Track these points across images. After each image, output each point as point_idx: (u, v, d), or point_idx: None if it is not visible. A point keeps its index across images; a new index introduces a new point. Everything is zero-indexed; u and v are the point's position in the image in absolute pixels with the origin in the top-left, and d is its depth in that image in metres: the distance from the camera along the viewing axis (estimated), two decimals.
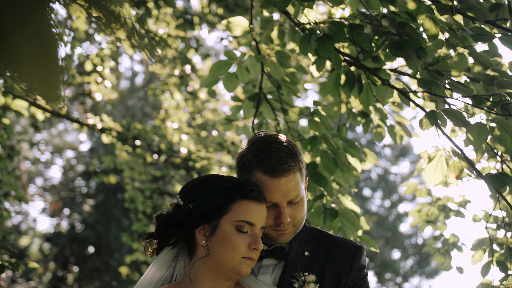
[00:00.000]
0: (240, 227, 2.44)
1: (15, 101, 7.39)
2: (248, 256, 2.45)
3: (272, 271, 2.71)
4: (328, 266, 2.69)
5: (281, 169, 2.54)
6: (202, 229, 2.48)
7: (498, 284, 4.37)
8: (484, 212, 5.61)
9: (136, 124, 8.62)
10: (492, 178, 3.05)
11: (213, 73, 4.20)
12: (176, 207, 2.55)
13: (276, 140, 2.66)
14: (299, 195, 2.62)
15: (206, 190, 2.49)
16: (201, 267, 2.50)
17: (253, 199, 2.48)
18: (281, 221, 2.58)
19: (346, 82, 3.85)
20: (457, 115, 3.23)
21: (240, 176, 2.68)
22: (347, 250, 2.74)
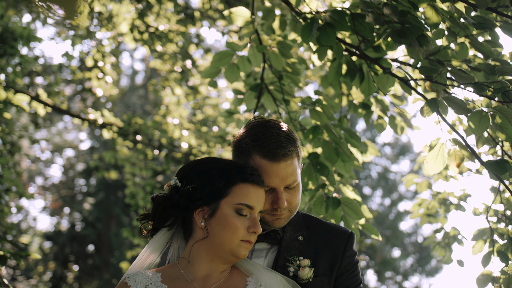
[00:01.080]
0: (239, 210, 2.45)
1: (16, 95, 7.40)
2: (247, 239, 2.46)
3: (266, 255, 2.73)
4: (321, 251, 2.71)
5: (280, 154, 2.56)
6: (201, 211, 2.48)
7: (498, 275, 4.38)
8: (485, 206, 5.63)
9: (137, 119, 8.64)
10: (493, 165, 3.07)
11: (214, 63, 4.21)
12: (174, 189, 2.55)
13: (275, 125, 2.67)
14: (296, 181, 2.64)
15: (206, 172, 2.50)
16: (199, 249, 2.50)
17: (253, 182, 2.49)
18: (278, 205, 2.60)
19: (347, 72, 3.87)
20: (458, 102, 3.24)
21: (238, 160, 2.69)
22: (340, 236, 2.77)
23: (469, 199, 6.34)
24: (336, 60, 3.85)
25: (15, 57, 9.00)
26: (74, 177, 24.15)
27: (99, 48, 9.09)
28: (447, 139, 3.39)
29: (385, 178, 24.46)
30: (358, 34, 3.52)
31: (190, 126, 9.12)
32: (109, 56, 9.10)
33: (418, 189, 6.49)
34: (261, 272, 2.54)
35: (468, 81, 3.18)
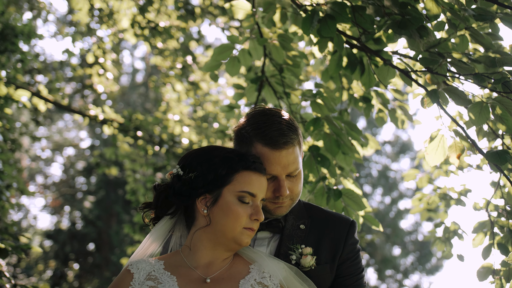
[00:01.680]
0: (242, 198, 2.47)
1: (17, 91, 7.41)
2: (249, 226, 2.47)
3: (268, 244, 2.74)
4: (323, 239, 2.72)
5: (282, 142, 2.57)
6: (203, 199, 2.50)
7: (499, 268, 4.39)
8: (485, 200, 5.63)
9: (138, 115, 8.65)
10: (494, 155, 3.08)
11: (215, 57, 4.22)
12: (176, 177, 2.56)
13: (276, 113, 2.69)
14: (297, 169, 2.66)
15: (208, 160, 2.51)
16: (201, 236, 2.52)
17: (255, 170, 2.51)
18: (280, 193, 2.61)
19: (348, 64, 3.88)
20: (458, 93, 3.26)
21: (239, 148, 2.70)
22: (342, 224, 2.79)
23: (469, 194, 6.36)
24: (337, 52, 3.86)
25: (16, 53, 9.01)
26: (75, 176, 24.16)
27: (100, 44, 9.10)
28: (448, 130, 3.40)
29: (385, 176, 24.48)
30: (359, 26, 3.54)
31: (191, 123, 9.14)
32: (109, 53, 9.12)
33: (419, 184, 6.50)
34: (264, 259, 2.56)
35: (468, 72, 3.19)
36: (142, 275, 2.47)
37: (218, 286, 2.44)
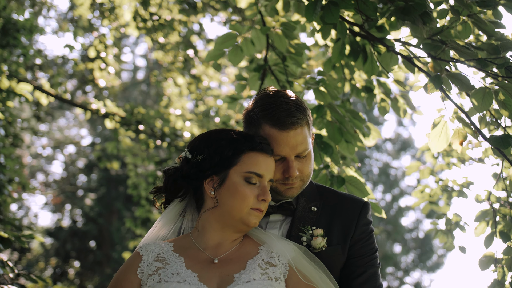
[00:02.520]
0: (248, 178, 2.48)
1: (19, 84, 7.42)
2: (257, 207, 2.48)
3: (280, 226, 2.75)
4: (335, 220, 2.71)
5: (289, 122, 2.57)
6: (210, 181, 2.52)
7: (501, 256, 4.40)
8: (487, 192, 5.63)
9: (140, 109, 8.66)
10: (496, 139, 3.09)
11: (218, 46, 4.23)
12: (185, 160, 2.59)
13: (284, 95, 2.69)
14: (307, 149, 2.65)
15: (215, 143, 2.53)
16: (209, 218, 2.54)
17: (262, 151, 2.52)
18: (289, 174, 2.61)
19: (350, 52, 3.89)
20: (461, 79, 3.26)
21: (248, 131, 2.71)
22: (354, 205, 2.77)
23: (471, 187, 6.37)
24: (340, 40, 3.87)
25: (18, 48, 9.02)
26: (76, 173, 24.17)
27: (101, 39, 9.11)
28: (450, 116, 3.41)
29: (386, 174, 24.48)
30: (362, 13, 3.55)
31: (193, 117, 9.14)
32: (111, 47, 9.13)
33: (421, 176, 6.51)
34: (273, 240, 2.57)
35: (471, 57, 3.20)
36: (151, 257, 2.50)
37: (225, 266, 2.46)
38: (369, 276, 2.68)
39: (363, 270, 2.67)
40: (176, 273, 2.39)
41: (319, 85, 3.81)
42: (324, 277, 2.49)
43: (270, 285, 2.37)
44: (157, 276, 2.40)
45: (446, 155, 6.34)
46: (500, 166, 5.46)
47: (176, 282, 2.35)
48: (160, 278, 2.39)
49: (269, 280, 2.39)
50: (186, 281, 2.36)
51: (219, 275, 2.42)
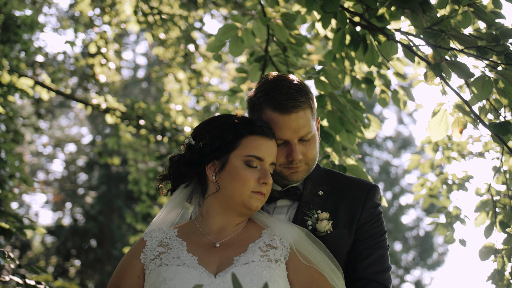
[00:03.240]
0: (249, 162, 2.50)
1: (20, 79, 7.43)
2: (258, 190, 2.50)
3: (287, 211, 2.76)
4: (341, 204, 2.71)
5: (290, 105, 2.58)
6: (212, 166, 2.54)
7: (501, 247, 4.41)
8: (487, 185, 5.63)
9: (140, 103, 8.68)
10: (496, 126, 3.10)
11: (219, 37, 4.24)
12: (188, 147, 2.62)
13: (286, 79, 2.70)
14: (310, 132, 2.65)
15: (216, 128, 2.56)
16: (212, 203, 2.57)
17: (262, 134, 2.54)
18: (292, 158, 2.62)
19: (351, 42, 3.90)
20: (461, 67, 3.28)
21: (251, 116, 2.73)
22: (361, 188, 2.76)
23: (471, 180, 6.38)
24: (340, 30, 3.88)
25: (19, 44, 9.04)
26: (76, 172, 24.20)
27: (102, 34, 9.12)
28: (450, 104, 3.42)
29: (386, 172, 24.49)
30: (362, 3, 3.56)
31: (193, 113, 9.16)
32: (112, 43, 9.14)
33: (421, 170, 6.52)
34: (276, 223, 2.59)
35: (471, 44, 3.21)
36: (155, 242, 2.53)
37: (226, 250, 2.48)
38: (376, 258, 2.67)
39: (370, 252, 2.66)
40: (176, 257, 2.42)
41: (320, 74, 3.81)
42: (325, 258, 2.50)
43: (269, 266, 2.38)
44: (159, 260, 2.44)
45: (446, 148, 6.35)
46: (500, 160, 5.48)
47: (175, 265, 2.38)
48: (161, 262, 2.42)
49: (269, 262, 2.40)
50: (185, 264, 2.39)
51: (219, 259, 2.44)
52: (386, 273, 2.68)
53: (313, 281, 2.44)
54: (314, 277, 2.45)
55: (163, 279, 2.33)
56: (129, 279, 2.45)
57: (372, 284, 2.63)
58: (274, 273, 2.38)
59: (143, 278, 2.45)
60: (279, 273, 2.40)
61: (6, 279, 4.51)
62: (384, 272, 2.67)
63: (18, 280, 4.47)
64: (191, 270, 2.36)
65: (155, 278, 2.37)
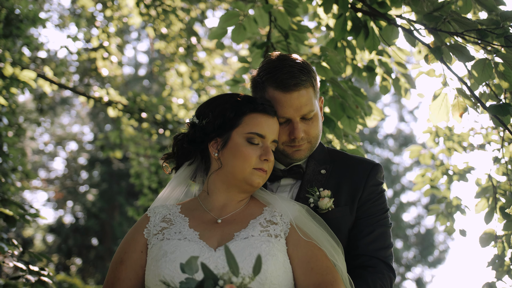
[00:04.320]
0: (250, 139, 2.53)
1: (23, 72, 7.47)
2: (259, 167, 2.53)
3: (290, 190, 2.80)
4: (343, 182, 2.74)
5: (292, 84, 2.62)
6: (214, 143, 2.58)
7: (501, 234, 4.43)
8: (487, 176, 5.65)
9: (143, 96, 8.71)
10: (496, 108, 3.13)
11: (221, 24, 4.27)
12: (191, 125, 2.67)
13: (288, 58, 2.74)
14: (312, 111, 2.68)
15: (218, 106, 2.60)
16: (215, 180, 2.61)
17: (264, 112, 2.57)
18: (294, 136, 2.65)
19: (352, 28, 3.93)
20: (461, 50, 3.30)
21: (255, 95, 2.76)
22: (364, 166, 2.79)
23: (472, 172, 6.40)
24: (342, 16, 3.91)
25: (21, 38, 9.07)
26: (77, 170, 24.24)
27: (104, 28, 9.16)
28: (451, 88, 3.45)
29: (387, 170, 24.52)
30: None
31: (195, 107, 9.18)
32: (114, 37, 9.18)
33: (421, 161, 6.55)
34: (277, 200, 2.63)
35: (471, 27, 3.24)
36: (158, 218, 2.58)
37: (228, 225, 2.52)
38: (377, 235, 2.69)
39: (371, 229, 2.69)
40: (178, 232, 2.47)
41: (321, 59, 3.84)
42: (325, 234, 2.53)
43: (268, 241, 2.42)
44: (161, 235, 2.48)
45: (447, 139, 6.38)
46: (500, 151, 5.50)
47: (176, 240, 2.43)
48: (163, 237, 2.47)
49: (268, 237, 2.44)
50: (186, 238, 2.43)
51: (221, 234, 2.48)
52: (387, 250, 2.70)
53: (312, 255, 2.47)
54: (313, 252, 2.47)
55: (164, 252, 2.37)
56: (133, 253, 2.50)
57: (373, 260, 2.65)
58: (273, 247, 2.41)
59: (145, 253, 2.49)
60: (279, 247, 2.43)
61: (10, 265, 4.55)
62: (385, 249, 2.70)
63: (22, 266, 4.51)
64: (191, 244, 2.40)
65: (156, 251, 2.41)
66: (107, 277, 2.50)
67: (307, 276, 2.43)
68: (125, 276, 2.45)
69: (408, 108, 26.27)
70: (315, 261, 2.46)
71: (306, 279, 2.44)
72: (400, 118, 26.01)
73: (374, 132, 25.06)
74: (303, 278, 2.45)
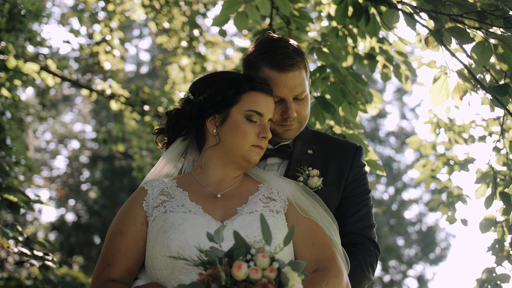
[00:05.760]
0: (249, 117, 2.57)
1: (26, 64, 7.51)
2: (257, 144, 2.58)
3: (277, 169, 2.88)
4: (330, 162, 2.84)
5: (288, 64, 2.69)
6: (212, 119, 2.62)
7: (501, 219, 4.47)
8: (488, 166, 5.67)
9: (145, 88, 8.75)
10: (495, 88, 3.16)
11: (224, 11, 4.31)
12: (187, 101, 2.69)
13: (282, 39, 2.83)
14: (304, 91, 2.77)
15: (217, 83, 2.63)
16: (212, 155, 2.63)
17: (262, 90, 2.62)
18: (288, 115, 2.73)
19: (353, 13, 3.96)
20: (461, 32, 3.33)
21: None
22: (348, 148, 2.91)
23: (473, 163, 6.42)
24: (343, 1, 3.94)
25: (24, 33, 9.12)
26: (80, 168, 24.28)
27: (107, 22, 9.20)
28: (451, 70, 3.48)
29: (389, 167, 24.52)
30: None
31: None
32: (116, 30, 9.22)
33: (423, 152, 6.58)
34: (272, 178, 2.69)
35: (470, 9, 3.27)
36: (156, 191, 2.58)
37: (228, 200, 2.56)
38: (363, 214, 2.84)
39: (358, 208, 2.83)
40: (181, 205, 2.48)
41: (321, 44, 3.88)
42: (321, 211, 2.60)
43: (272, 216, 2.48)
44: (163, 208, 2.49)
45: (447, 129, 6.41)
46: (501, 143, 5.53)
47: (182, 212, 2.44)
48: (165, 209, 2.48)
49: (271, 212, 2.50)
50: (191, 211, 2.45)
51: (222, 208, 2.52)
52: (372, 229, 2.86)
53: (312, 231, 2.52)
54: (312, 228, 2.53)
55: (171, 224, 2.38)
56: (133, 225, 2.49)
57: (361, 238, 2.80)
58: (278, 222, 2.47)
59: (146, 225, 2.50)
60: (282, 222, 2.50)
61: (15, 250, 4.60)
62: (370, 227, 2.85)
63: (26, 252, 4.56)
64: (198, 217, 2.42)
65: (161, 223, 2.42)
66: (105, 249, 2.48)
67: (308, 251, 2.48)
68: (125, 248, 2.45)
69: (409, 105, 26.29)
70: (315, 237, 2.52)
71: (308, 254, 2.48)
72: (402, 116, 26.03)
73: (375, 130, 25.08)
74: (304, 252, 2.50)
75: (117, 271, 2.43)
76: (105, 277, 2.42)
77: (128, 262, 2.45)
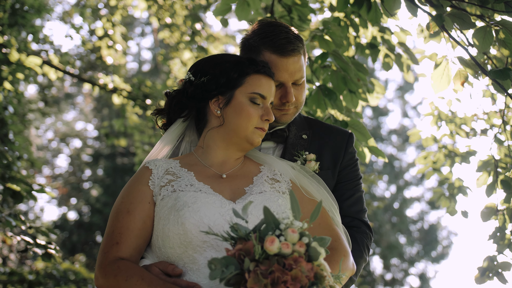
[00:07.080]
0: (253, 99, 2.59)
1: (28, 58, 7.54)
2: (260, 126, 2.60)
3: (273, 153, 2.92)
4: (324, 147, 2.91)
5: (290, 49, 2.72)
6: (216, 101, 2.62)
7: (503, 208, 4.48)
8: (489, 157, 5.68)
9: (147, 82, 8.76)
10: (497, 72, 3.18)
11: (225, 0, 4.32)
12: (188, 82, 2.69)
13: (282, 24, 2.86)
14: (302, 77, 2.81)
15: (220, 65, 2.64)
16: (214, 136, 2.64)
17: (265, 74, 2.64)
18: (287, 99, 2.77)
19: (355, 1, 3.97)
20: (463, 17, 3.35)
21: None
22: (341, 134, 3.00)
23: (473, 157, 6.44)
24: None
25: (26, 28, 9.15)
26: (82, 166, 24.31)
27: (109, 17, 9.22)
28: (452, 56, 3.50)
29: (391, 165, 24.53)
30: None
31: None
32: (118, 25, 9.24)
33: (424, 144, 6.59)
34: (274, 160, 2.72)
35: None
36: (161, 171, 2.56)
37: (234, 181, 2.57)
38: (357, 199, 2.92)
39: (352, 193, 2.91)
40: (189, 184, 2.48)
41: (324, 32, 3.90)
42: (324, 193, 2.63)
43: (281, 196, 2.51)
44: (170, 187, 2.48)
45: (449, 121, 6.42)
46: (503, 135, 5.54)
47: (192, 191, 2.43)
48: (174, 189, 2.47)
49: (278, 193, 2.53)
50: (201, 191, 2.45)
51: (230, 188, 2.53)
52: (365, 213, 2.96)
53: None
54: None
55: (184, 202, 2.38)
56: (140, 203, 2.47)
57: (356, 221, 2.88)
58: (287, 202, 2.49)
59: (153, 204, 2.48)
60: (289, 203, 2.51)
61: (17, 238, 4.62)
62: (363, 212, 2.95)
63: (29, 240, 4.59)
64: (209, 196, 2.43)
65: (173, 202, 2.41)
66: (111, 228, 2.45)
67: (314, 231, 2.49)
68: (134, 226, 2.43)
69: (411, 104, 26.28)
70: (321, 217, 2.55)
71: (314, 234, 2.50)
72: (404, 114, 26.03)
73: (377, 128, 25.08)
74: (311, 233, 2.51)
75: (126, 249, 2.41)
76: (114, 255, 2.38)
77: (137, 241, 2.44)
